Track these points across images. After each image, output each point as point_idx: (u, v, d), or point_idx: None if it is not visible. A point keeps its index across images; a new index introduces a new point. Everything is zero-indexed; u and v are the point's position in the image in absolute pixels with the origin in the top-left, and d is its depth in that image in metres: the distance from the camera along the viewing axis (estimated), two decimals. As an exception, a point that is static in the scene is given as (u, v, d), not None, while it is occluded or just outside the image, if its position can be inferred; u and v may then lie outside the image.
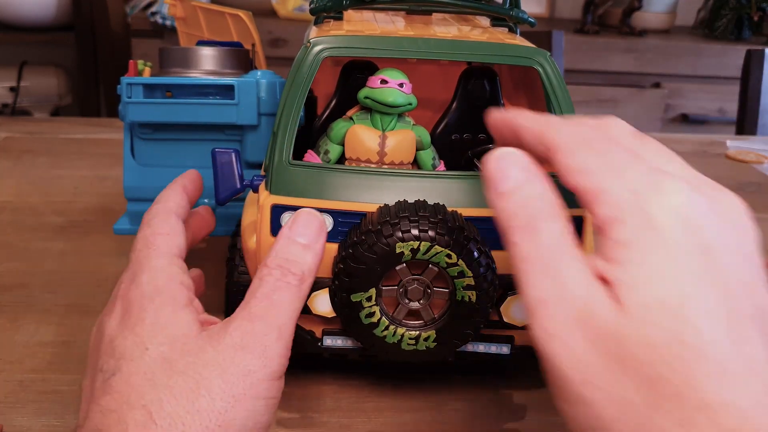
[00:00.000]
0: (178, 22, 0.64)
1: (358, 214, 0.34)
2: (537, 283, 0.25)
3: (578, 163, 0.25)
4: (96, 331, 0.33)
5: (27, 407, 0.37)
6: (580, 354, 0.23)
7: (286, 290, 0.30)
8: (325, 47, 0.35)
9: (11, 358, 0.41)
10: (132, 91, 0.47)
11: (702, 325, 0.22)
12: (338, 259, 0.34)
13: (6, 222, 0.61)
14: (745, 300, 0.23)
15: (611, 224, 0.24)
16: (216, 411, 0.27)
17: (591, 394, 0.23)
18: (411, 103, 0.37)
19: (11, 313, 0.46)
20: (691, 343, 0.22)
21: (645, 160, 0.25)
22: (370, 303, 0.34)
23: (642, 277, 0.23)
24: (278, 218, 0.34)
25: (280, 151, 0.35)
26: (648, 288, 0.22)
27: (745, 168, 0.88)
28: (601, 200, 0.24)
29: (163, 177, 0.52)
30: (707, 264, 0.23)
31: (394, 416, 0.38)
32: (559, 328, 0.24)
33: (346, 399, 0.39)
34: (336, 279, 0.34)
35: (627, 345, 0.22)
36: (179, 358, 0.28)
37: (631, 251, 0.23)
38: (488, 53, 0.36)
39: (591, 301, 0.23)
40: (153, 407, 0.27)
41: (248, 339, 0.29)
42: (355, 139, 0.37)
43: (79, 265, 0.54)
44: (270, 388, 0.29)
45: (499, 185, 0.27)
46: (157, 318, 0.30)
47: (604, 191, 0.24)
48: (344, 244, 0.34)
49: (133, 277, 0.32)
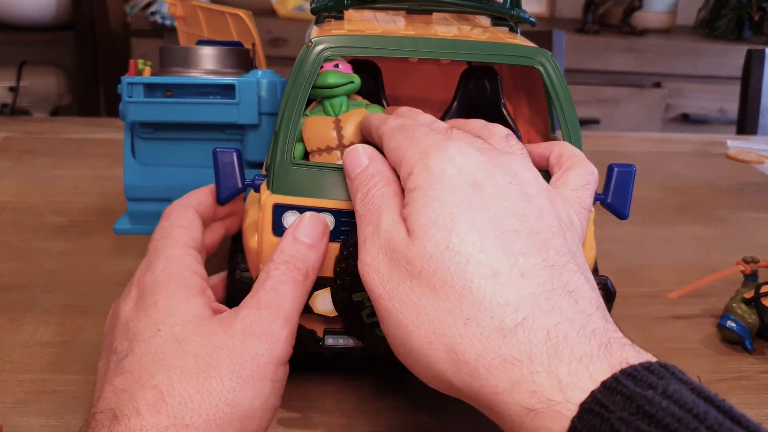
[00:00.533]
0: (178, 22, 0.64)
1: None
2: (362, 230, 0.31)
3: (392, 144, 0.32)
4: (111, 315, 0.34)
5: (26, 407, 0.37)
6: (384, 274, 0.28)
7: (291, 284, 0.32)
8: (327, 47, 0.35)
9: (11, 358, 0.41)
10: (132, 91, 0.47)
11: (467, 235, 0.27)
12: (340, 259, 0.34)
13: (6, 222, 0.60)
14: (514, 220, 0.27)
15: (406, 179, 0.30)
16: (225, 391, 0.28)
17: (395, 305, 0.28)
18: (353, 81, 0.37)
19: (11, 313, 0.46)
20: (460, 251, 0.26)
21: (452, 136, 0.31)
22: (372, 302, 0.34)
23: (421, 208, 0.28)
24: (280, 217, 0.34)
25: (282, 151, 0.35)
26: (424, 213, 0.28)
27: (746, 168, 0.88)
28: (401, 164, 0.31)
29: (163, 176, 0.52)
30: (476, 194, 0.28)
31: (394, 416, 0.38)
32: (371, 257, 0.29)
33: (346, 399, 0.39)
34: (337, 278, 0.34)
35: (414, 261, 0.27)
36: (190, 339, 0.30)
37: (416, 192, 0.29)
38: (489, 53, 0.36)
39: (392, 234, 0.29)
40: (164, 387, 0.28)
41: (256, 325, 0.30)
42: (310, 130, 0.37)
43: (79, 265, 0.53)
44: (276, 372, 0.30)
45: (352, 172, 0.33)
46: (170, 302, 0.31)
47: (405, 157, 0.30)
48: (346, 244, 0.33)
49: (148, 264, 0.34)
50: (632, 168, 0.37)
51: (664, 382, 0.22)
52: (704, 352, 0.46)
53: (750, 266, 0.48)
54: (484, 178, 0.29)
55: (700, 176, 0.83)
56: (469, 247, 0.26)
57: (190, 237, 0.36)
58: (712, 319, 0.49)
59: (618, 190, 0.36)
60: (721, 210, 0.73)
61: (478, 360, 0.25)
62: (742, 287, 0.47)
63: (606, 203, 0.36)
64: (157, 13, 1.63)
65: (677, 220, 0.69)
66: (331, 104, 0.37)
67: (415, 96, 0.49)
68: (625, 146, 0.96)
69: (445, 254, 0.27)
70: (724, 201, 0.75)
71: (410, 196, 0.29)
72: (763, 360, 0.45)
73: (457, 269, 0.26)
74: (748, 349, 0.45)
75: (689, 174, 0.83)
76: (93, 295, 0.49)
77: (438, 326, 0.26)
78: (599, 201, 0.36)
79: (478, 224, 0.27)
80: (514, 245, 0.27)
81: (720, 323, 0.46)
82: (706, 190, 0.78)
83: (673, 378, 0.23)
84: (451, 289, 0.26)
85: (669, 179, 0.81)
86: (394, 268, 0.28)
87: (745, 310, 0.46)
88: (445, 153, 0.29)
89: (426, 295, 0.27)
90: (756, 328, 0.46)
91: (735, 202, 0.75)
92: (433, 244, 0.27)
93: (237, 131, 0.50)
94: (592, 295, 0.27)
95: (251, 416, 0.29)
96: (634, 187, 0.37)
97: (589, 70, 1.83)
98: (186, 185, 0.47)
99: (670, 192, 0.77)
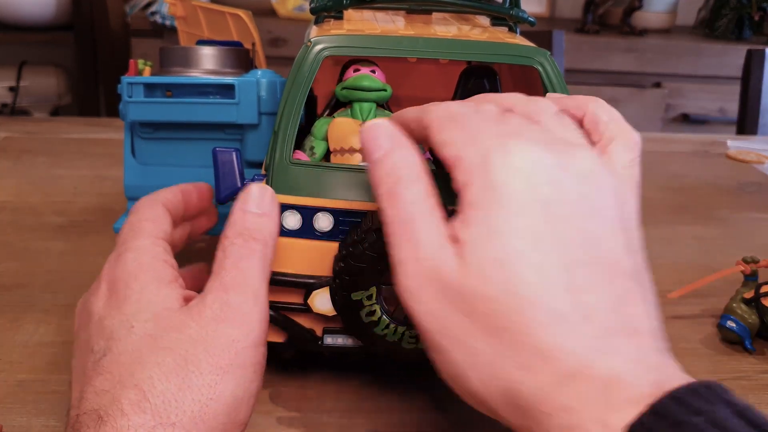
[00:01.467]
0: (178, 22, 0.64)
1: (358, 213, 0.34)
2: (397, 245, 0.27)
3: (443, 137, 0.28)
4: (81, 311, 0.33)
5: (26, 407, 0.37)
6: (433, 308, 0.25)
7: (252, 257, 0.31)
8: (326, 46, 0.35)
9: (11, 358, 0.41)
10: (132, 91, 0.48)
11: (532, 277, 0.24)
12: (339, 258, 0.34)
13: (6, 222, 0.60)
14: (582, 249, 0.25)
15: (463, 188, 0.26)
16: (206, 385, 0.28)
17: (447, 343, 0.25)
18: (386, 90, 0.38)
19: (11, 313, 0.46)
20: (523, 295, 0.24)
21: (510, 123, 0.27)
22: (371, 301, 0.34)
23: (481, 236, 0.25)
24: (279, 217, 0.34)
25: (281, 150, 0.35)
26: (485, 246, 0.25)
27: (746, 168, 0.88)
28: (457, 166, 0.27)
29: (163, 176, 0.52)
30: (545, 218, 0.25)
31: (394, 416, 0.38)
32: (415, 286, 0.26)
33: (346, 399, 0.39)
34: (336, 278, 0.34)
35: (470, 299, 0.25)
36: (164, 335, 0.29)
37: (475, 211, 0.25)
38: (488, 52, 0.36)
39: (439, 261, 0.25)
40: (145, 385, 0.27)
41: (226, 310, 0.29)
42: (337, 130, 0.37)
43: (79, 265, 0.53)
44: (255, 354, 0.29)
45: (372, 154, 0.29)
46: (142, 295, 0.30)
47: (461, 158, 0.26)
48: (345, 243, 0.33)
49: (117, 257, 0.33)
50: None
51: (710, 408, 0.22)
52: (704, 352, 0.46)
53: (750, 266, 0.48)
54: (554, 194, 0.25)
55: (700, 176, 0.83)
56: (533, 290, 0.24)
57: (159, 229, 0.35)
58: (712, 319, 0.49)
59: None
60: (721, 210, 0.73)
61: (534, 406, 0.24)
62: (742, 287, 0.47)
63: None
64: (157, 13, 1.63)
65: (677, 220, 0.69)
66: (360, 108, 0.38)
67: (415, 96, 0.49)
68: (625, 146, 0.96)
69: (506, 298, 0.24)
70: (724, 201, 0.75)
71: (467, 214, 0.26)
72: (763, 360, 0.45)
73: (518, 315, 0.24)
74: (748, 349, 0.45)
75: (689, 174, 0.83)
76: (93, 295, 0.49)
77: (494, 370, 0.25)
78: None
79: (545, 262, 0.24)
80: (579, 280, 0.24)
81: (720, 323, 0.46)
82: (706, 190, 0.78)
83: (720, 401, 0.22)
84: (510, 335, 0.24)
85: (669, 179, 0.81)
86: (444, 302, 0.25)
87: (745, 310, 0.46)
88: (509, 158, 0.26)
89: (482, 338, 0.25)
90: (756, 328, 0.46)
91: (735, 202, 0.75)
92: (494, 287, 0.24)
93: (236, 131, 0.50)
94: (653, 325, 0.26)
95: (236, 406, 0.28)
96: None
97: (589, 70, 1.83)
98: (186, 185, 0.48)
99: (670, 192, 0.77)
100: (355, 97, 0.38)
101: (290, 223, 0.35)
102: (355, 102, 0.38)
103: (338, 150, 0.37)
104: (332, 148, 0.38)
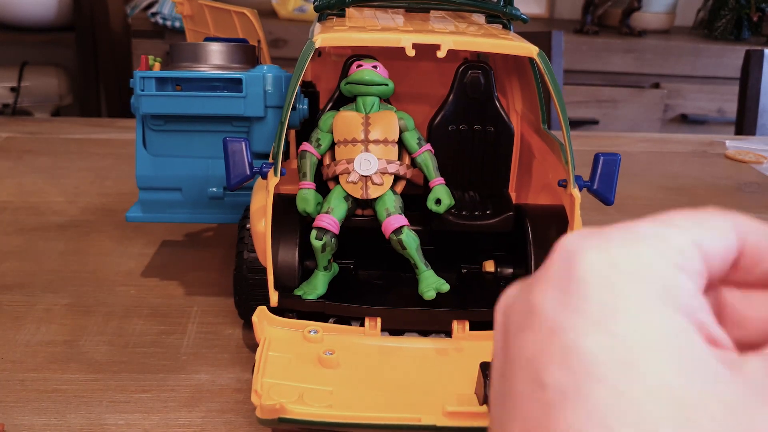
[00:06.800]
0: (185, 20, 0.65)
1: None
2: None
3: None
4: (519, 300, 0.19)
5: (28, 406, 0.37)
6: None
7: None
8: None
9: (12, 357, 0.42)
10: (145, 84, 0.49)
11: None
12: None
13: (7, 222, 0.61)
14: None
15: None
16: None
17: None
18: (387, 84, 0.40)
19: (12, 312, 0.46)
20: None
21: None
22: None
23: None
24: None
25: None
26: None
27: (745, 168, 0.88)
28: None
29: (173, 166, 0.53)
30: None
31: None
32: None
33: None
34: None
35: None
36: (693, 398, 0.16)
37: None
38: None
39: None
40: None
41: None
42: (340, 122, 0.40)
43: (80, 264, 0.54)
44: None
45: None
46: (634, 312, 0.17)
47: None
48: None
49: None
50: (617, 156, 0.39)
51: None
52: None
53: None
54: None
55: (699, 176, 0.83)
56: None
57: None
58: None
59: (604, 178, 0.38)
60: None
61: None
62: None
63: (592, 190, 0.38)
64: (158, 14, 1.63)
65: (676, 219, 0.70)
66: (364, 102, 0.40)
67: (413, 92, 0.50)
68: (624, 147, 0.96)
69: None
70: (723, 201, 0.75)
71: None
72: (760, 359, 0.45)
73: None
74: (746, 348, 0.46)
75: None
76: (94, 295, 0.49)
77: None
78: (586, 188, 0.38)
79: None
80: None
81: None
82: (705, 190, 0.78)
83: None
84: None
85: (668, 179, 0.81)
86: None
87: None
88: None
89: None
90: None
91: (734, 202, 0.75)
92: None
93: (244, 123, 0.51)
94: None
95: None
96: (632, 187, 0.38)
97: (588, 71, 1.83)
98: (195, 175, 0.50)
99: (669, 192, 0.77)
100: (359, 92, 0.40)
101: None
102: (359, 96, 0.40)
103: (342, 141, 0.39)
104: (336, 140, 0.40)
